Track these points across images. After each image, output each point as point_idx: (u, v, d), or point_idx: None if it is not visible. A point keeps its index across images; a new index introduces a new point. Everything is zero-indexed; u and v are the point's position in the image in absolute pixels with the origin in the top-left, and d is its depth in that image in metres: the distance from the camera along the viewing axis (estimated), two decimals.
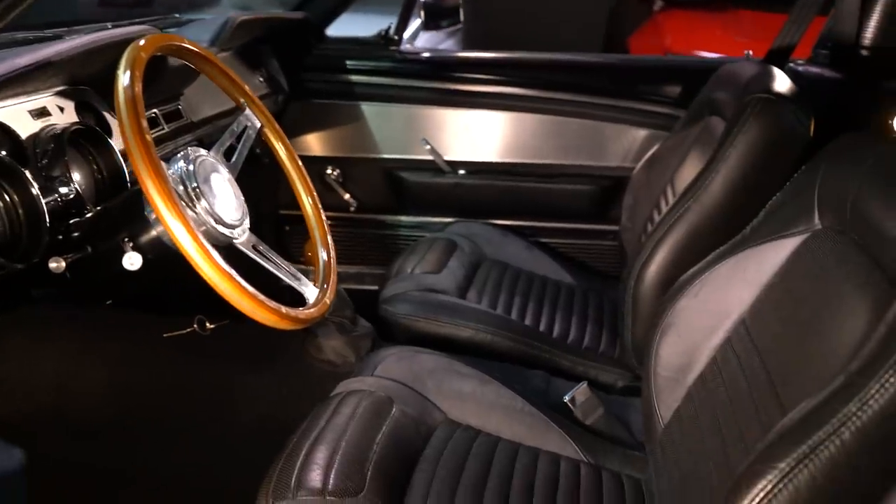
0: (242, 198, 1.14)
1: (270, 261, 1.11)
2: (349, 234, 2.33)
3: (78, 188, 1.13)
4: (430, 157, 2.23)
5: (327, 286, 1.18)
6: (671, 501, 1.11)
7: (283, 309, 0.99)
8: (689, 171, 1.79)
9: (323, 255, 1.25)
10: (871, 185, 1.00)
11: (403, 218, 2.33)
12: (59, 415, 1.44)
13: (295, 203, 1.35)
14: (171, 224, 0.88)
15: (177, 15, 2.16)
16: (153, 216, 1.03)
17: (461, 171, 2.25)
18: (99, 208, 1.13)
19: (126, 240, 1.04)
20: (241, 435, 1.48)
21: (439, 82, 2.21)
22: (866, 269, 0.95)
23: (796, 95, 1.52)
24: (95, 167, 1.22)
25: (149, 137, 0.90)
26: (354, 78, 2.22)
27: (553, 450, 1.32)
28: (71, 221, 1.10)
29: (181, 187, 1.02)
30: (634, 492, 1.28)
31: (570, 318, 1.86)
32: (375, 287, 2.01)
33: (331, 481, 1.09)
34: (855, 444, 0.76)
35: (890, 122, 1.96)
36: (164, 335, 1.50)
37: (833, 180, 1.10)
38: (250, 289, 0.93)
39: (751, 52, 2.12)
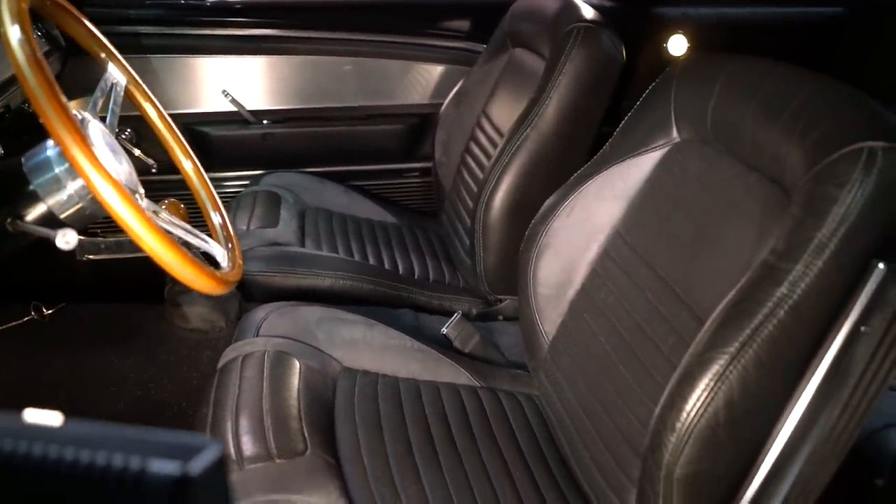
0: (130, 161, 1.03)
1: (177, 226, 1.03)
2: (155, 199, 2.17)
3: None
4: (233, 109, 2.12)
5: (232, 245, 1.11)
6: (583, 404, 1.20)
7: (218, 273, 0.92)
8: (501, 103, 1.87)
9: (217, 217, 1.17)
10: (733, 96, 1.11)
11: (211, 174, 2.20)
12: None
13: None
14: (106, 192, 0.78)
15: None
16: (46, 189, 0.91)
17: (267, 121, 2.17)
18: None
19: (9, 220, 0.91)
20: (114, 423, 1.36)
21: (233, 29, 2.10)
22: (741, 172, 1.06)
23: (607, 23, 1.64)
24: None
25: (63, 99, 0.79)
26: (139, 29, 2.04)
27: (449, 380, 1.37)
28: None
29: None
30: (531, 407, 1.36)
31: (408, 255, 1.89)
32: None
33: (272, 445, 1.05)
34: (790, 321, 0.87)
35: (664, 45, 2.18)
36: None
37: (689, 95, 1.21)
38: (190, 255, 0.86)
39: None
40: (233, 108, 2.12)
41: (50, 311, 1.39)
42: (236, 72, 2.11)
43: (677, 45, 2.14)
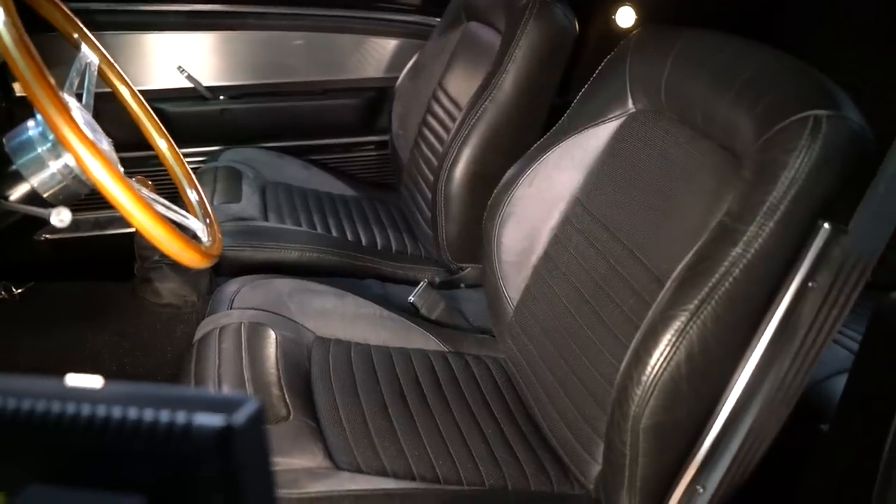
0: (108, 139, 1.05)
1: (158, 202, 1.05)
2: None
3: None
4: (189, 85, 2.12)
5: (210, 220, 1.14)
6: (549, 364, 1.26)
7: (202, 246, 0.95)
8: (458, 76, 1.91)
9: (193, 195, 1.20)
10: (685, 68, 1.17)
11: None
12: None
13: None
14: (97, 171, 0.81)
15: None
16: (30, 168, 0.93)
17: (223, 97, 2.17)
18: None
19: None
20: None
21: (185, 4, 2.09)
22: (694, 140, 1.13)
23: None
24: None
25: (52, 80, 0.80)
26: (91, 6, 2.01)
27: (419, 346, 1.42)
28: None
29: None
30: (498, 369, 1.41)
31: (370, 227, 1.93)
32: None
33: None
34: (745, 278, 0.94)
35: (613, 17, 2.23)
36: None
37: (642, 67, 1.26)
38: (177, 230, 0.89)
39: None
40: (189, 85, 2.12)
41: (20, 291, 1.40)
42: (191, 47, 2.10)
43: (625, 16, 2.20)
